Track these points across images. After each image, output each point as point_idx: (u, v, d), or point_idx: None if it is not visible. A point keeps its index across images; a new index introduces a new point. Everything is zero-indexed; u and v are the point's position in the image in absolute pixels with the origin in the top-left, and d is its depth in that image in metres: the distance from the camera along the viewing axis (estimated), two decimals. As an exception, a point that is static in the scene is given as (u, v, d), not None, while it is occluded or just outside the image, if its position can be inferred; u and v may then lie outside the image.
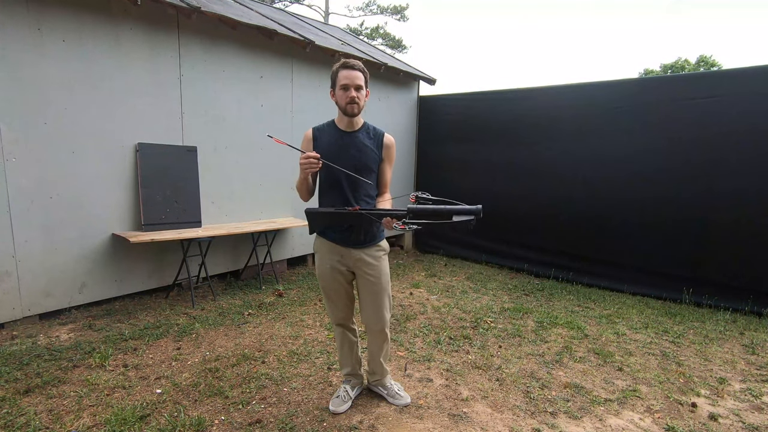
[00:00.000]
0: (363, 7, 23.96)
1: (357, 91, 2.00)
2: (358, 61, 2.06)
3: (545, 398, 2.50)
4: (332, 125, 2.15)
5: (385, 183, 2.18)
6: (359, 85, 2.01)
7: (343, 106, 2.04)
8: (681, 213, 4.32)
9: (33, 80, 3.07)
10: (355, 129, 2.12)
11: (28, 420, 2.09)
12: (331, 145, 2.08)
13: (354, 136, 2.10)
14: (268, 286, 4.41)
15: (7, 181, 3.01)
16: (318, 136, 2.13)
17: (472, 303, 4.16)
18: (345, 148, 2.07)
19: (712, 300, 4.20)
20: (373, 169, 2.11)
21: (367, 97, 2.08)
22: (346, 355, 2.39)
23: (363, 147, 2.09)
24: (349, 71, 2.00)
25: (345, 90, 2.01)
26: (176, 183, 3.85)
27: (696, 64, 18.51)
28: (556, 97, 5.11)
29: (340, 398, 2.33)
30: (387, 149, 2.15)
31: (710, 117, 4.14)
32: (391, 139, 2.17)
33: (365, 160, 2.08)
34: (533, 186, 5.26)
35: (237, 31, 4.15)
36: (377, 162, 2.13)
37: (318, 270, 2.23)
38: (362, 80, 2.02)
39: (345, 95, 2.01)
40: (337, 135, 2.10)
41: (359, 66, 2.03)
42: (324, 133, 2.13)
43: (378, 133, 2.15)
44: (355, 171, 2.01)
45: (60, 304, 3.35)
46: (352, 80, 1.99)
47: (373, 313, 2.21)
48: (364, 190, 2.08)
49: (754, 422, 2.33)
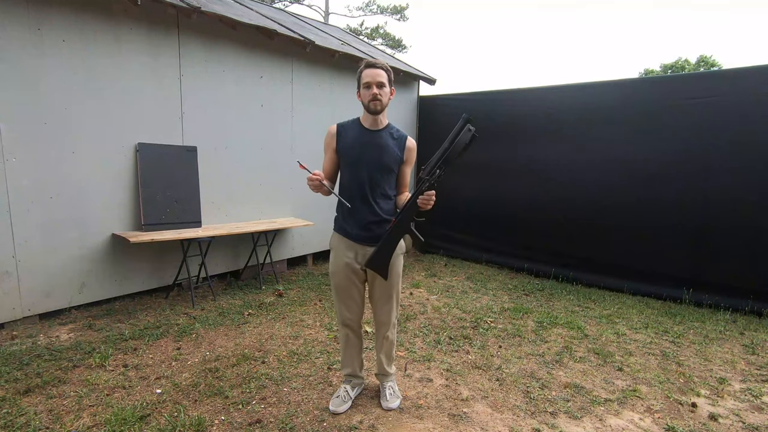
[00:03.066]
0: (363, 7, 23.95)
1: (379, 89, 2.04)
2: (382, 61, 2.10)
3: (545, 398, 2.50)
4: (357, 122, 2.18)
5: (405, 183, 2.25)
6: (381, 82, 2.04)
7: (366, 104, 2.08)
8: (681, 213, 4.32)
9: (33, 80, 3.07)
10: (379, 128, 2.15)
11: (28, 420, 2.09)
12: (354, 142, 2.12)
13: (378, 135, 2.14)
14: (268, 286, 4.41)
15: (7, 181, 3.01)
16: (342, 132, 2.17)
17: (472, 303, 4.16)
18: (368, 146, 2.11)
19: (712, 300, 4.20)
20: (393, 169, 2.16)
21: (392, 96, 2.12)
22: (348, 357, 2.39)
23: (385, 146, 2.12)
24: (371, 69, 2.05)
25: (367, 88, 2.05)
26: (176, 183, 3.85)
27: (696, 64, 18.51)
28: (557, 98, 5.10)
29: (340, 398, 2.33)
30: (409, 152, 2.19)
31: (710, 117, 4.14)
32: (413, 142, 2.22)
33: (387, 159, 2.12)
34: (533, 186, 5.26)
35: (237, 31, 4.15)
36: (398, 163, 2.17)
37: (332, 267, 2.26)
38: (385, 78, 2.06)
39: (368, 93, 2.05)
40: (361, 132, 2.14)
41: (381, 64, 2.08)
42: (348, 129, 2.17)
43: (401, 135, 2.20)
44: (375, 169, 2.08)
45: (60, 304, 3.35)
46: (374, 78, 2.04)
47: (382, 310, 2.27)
48: (381, 189, 2.13)
49: (754, 422, 2.33)
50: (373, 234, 2.13)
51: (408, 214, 2.00)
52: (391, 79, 2.10)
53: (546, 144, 5.14)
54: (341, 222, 2.22)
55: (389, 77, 2.08)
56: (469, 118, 1.85)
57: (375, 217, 2.13)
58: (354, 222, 2.15)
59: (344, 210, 2.18)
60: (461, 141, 1.84)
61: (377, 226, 2.13)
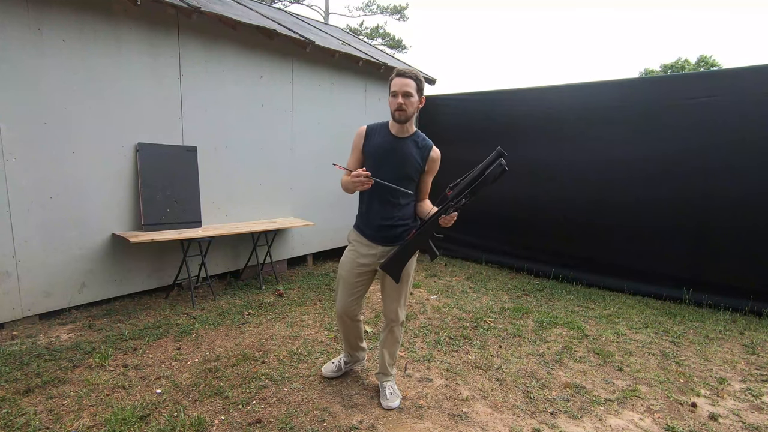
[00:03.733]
0: (363, 7, 23.96)
1: (405, 98, 2.07)
2: (413, 70, 2.12)
3: (545, 398, 2.50)
4: (385, 127, 2.22)
5: (426, 191, 2.32)
6: (408, 92, 2.07)
7: (392, 112, 2.12)
8: (681, 213, 4.32)
9: (33, 80, 3.07)
10: (405, 136, 2.19)
11: (28, 420, 2.09)
12: (380, 147, 2.18)
13: (403, 143, 2.18)
14: (268, 286, 4.41)
15: (7, 181, 3.01)
16: (370, 135, 2.22)
17: (472, 303, 4.16)
18: (391, 152, 2.16)
19: (712, 300, 4.20)
20: (413, 178, 2.21)
21: (421, 104, 2.15)
22: (347, 344, 2.60)
23: (408, 156, 2.17)
24: (400, 78, 2.08)
25: (394, 97, 2.09)
26: (176, 183, 3.85)
27: (696, 64, 18.53)
28: (557, 97, 5.10)
29: (334, 365, 2.63)
30: (432, 162, 2.22)
31: (710, 117, 4.14)
32: (437, 152, 2.24)
33: (407, 169, 2.17)
34: (533, 186, 5.26)
35: (237, 31, 4.15)
36: (419, 172, 2.22)
37: (343, 258, 2.37)
38: (413, 87, 2.07)
39: (393, 102, 2.09)
40: (388, 138, 2.18)
41: (411, 74, 2.09)
42: (376, 132, 2.22)
43: (427, 144, 2.22)
44: (395, 177, 2.11)
45: (60, 304, 3.35)
46: (400, 87, 2.06)
47: (391, 307, 2.34)
48: (400, 194, 2.17)
49: (754, 422, 2.33)
50: (387, 235, 2.23)
51: (429, 230, 2.09)
52: (420, 89, 2.12)
53: (546, 144, 5.14)
54: (359, 220, 2.32)
55: (418, 86, 2.10)
56: (503, 153, 1.92)
57: (391, 220, 2.21)
58: (370, 222, 2.25)
59: (363, 209, 2.28)
60: (492, 174, 1.91)
61: (392, 229, 2.23)
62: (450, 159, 5.97)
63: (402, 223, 2.24)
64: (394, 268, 2.19)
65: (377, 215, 2.22)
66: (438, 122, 6.24)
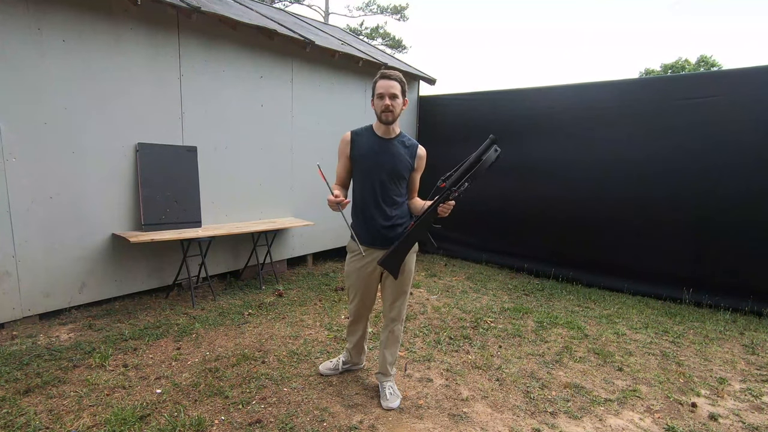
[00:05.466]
0: (363, 7, 23.95)
1: (392, 100, 2.11)
2: (397, 72, 2.17)
3: (545, 398, 2.50)
4: (370, 130, 2.26)
5: (415, 189, 2.39)
6: (394, 93, 2.11)
7: (379, 114, 2.16)
8: (681, 213, 4.32)
9: (33, 80, 3.07)
10: (391, 137, 2.25)
11: (28, 420, 2.09)
12: (369, 150, 2.22)
13: (391, 144, 2.23)
14: (268, 286, 4.41)
15: (7, 181, 3.01)
16: (356, 140, 2.26)
17: (472, 303, 4.16)
18: (382, 154, 2.21)
19: (712, 300, 4.20)
20: (405, 177, 2.27)
21: (405, 106, 2.19)
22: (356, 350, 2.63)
23: (398, 155, 2.22)
24: (385, 81, 2.12)
25: (381, 99, 2.12)
26: (176, 183, 3.85)
27: (696, 64, 18.52)
28: (557, 98, 5.10)
29: (332, 363, 2.67)
30: (419, 159, 2.30)
31: (710, 117, 4.14)
32: (423, 150, 2.33)
33: (399, 167, 2.22)
34: (533, 186, 5.26)
35: (237, 31, 4.15)
36: (409, 170, 2.28)
37: (347, 268, 2.41)
38: (398, 89, 2.12)
39: (380, 104, 2.12)
40: (375, 140, 2.23)
41: (396, 76, 2.13)
42: (362, 137, 2.26)
43: (413, 143, 2.30)
44: (388, 176, 2.19)
45: (60, 304, 3.35)
46: (387, 89, 2.10)
47: (392, 306, 2.36)
48: (392, 195, 2.25)
49: (754, 422, 2.33)
50: (386, 237, 2.24)
51: (427, 220, 2.12)
52: (404, 90, 2.16)
53: (546, 144, 5.14)
54: (356, 227, 2.32)
55: (403, 88, 2.15)
56: (495, 139, 1.97)
57: (387, 221, 2.23)
58: (368, 227, 2.26)
59: (358, 215, 2.30)
60: (488, 159, 1.97)
61: (390, 231, 2.24)
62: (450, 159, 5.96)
63: (402, 222, 2.27)
64: (392, 261, 2.19)
65: (377, 219, 2.23)
66: (438, 122, 6.26)
